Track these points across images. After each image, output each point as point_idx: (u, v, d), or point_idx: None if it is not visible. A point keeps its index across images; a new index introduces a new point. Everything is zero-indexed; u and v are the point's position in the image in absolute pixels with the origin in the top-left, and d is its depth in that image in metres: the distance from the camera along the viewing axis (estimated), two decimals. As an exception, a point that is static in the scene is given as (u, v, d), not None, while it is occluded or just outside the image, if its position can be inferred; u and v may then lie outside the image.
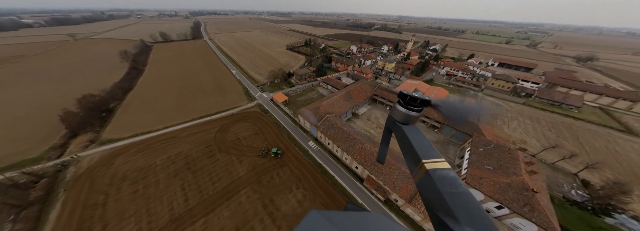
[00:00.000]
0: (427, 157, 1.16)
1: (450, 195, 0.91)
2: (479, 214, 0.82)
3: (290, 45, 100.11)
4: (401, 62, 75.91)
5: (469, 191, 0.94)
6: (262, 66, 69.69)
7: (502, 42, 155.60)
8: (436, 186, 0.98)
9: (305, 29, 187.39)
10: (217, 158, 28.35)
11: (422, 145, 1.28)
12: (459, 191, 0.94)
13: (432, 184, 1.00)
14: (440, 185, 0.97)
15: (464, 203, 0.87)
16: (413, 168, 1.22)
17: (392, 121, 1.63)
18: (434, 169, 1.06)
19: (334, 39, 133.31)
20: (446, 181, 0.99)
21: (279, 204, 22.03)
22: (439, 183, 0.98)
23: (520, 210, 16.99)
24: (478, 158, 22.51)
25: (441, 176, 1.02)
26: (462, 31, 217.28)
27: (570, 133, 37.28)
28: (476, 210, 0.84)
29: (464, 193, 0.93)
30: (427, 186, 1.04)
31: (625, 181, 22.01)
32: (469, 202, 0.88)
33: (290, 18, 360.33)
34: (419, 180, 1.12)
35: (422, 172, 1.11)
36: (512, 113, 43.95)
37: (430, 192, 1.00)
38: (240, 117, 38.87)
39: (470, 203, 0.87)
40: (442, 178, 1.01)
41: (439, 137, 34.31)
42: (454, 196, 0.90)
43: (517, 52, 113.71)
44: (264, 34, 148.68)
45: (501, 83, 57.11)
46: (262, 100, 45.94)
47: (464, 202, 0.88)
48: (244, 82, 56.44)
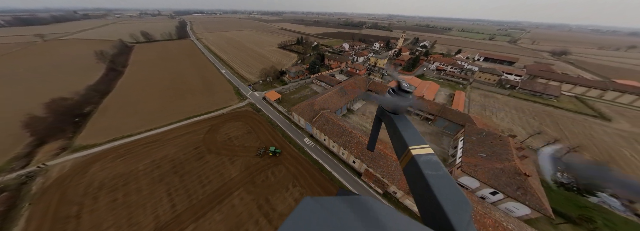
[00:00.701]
0: (414, 144, 1.25)
1: (432, 177, 0.98)
2: (455, 192, 0.92)
3: (282, 43, 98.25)
4: (393, 58, 76.99)
5: (448, 173, 1.03)
6: (253, 65, 67.59)
7: (485, 38, 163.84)
8: (420, 170, 1.05)
9: (297, 27, 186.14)
10: (206, 160, 26.68)
11: (409, 132, 1.38)
12: (440, 173, 1.02)
13: (417, 168, 1.08)
14: (424, 168, 1.05)
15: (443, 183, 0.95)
16: (400, 154, 1.32)
17: (381, 110, 1.73)
18: (420, 155, 1.15)
19: (326, 37, 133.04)
20: (429, 165, 1.07)
21: (275, 204, 21.01)
22: (423, 167, 1.06)
23: (514, 194, 17.31)
24: (471, 146, 22.86)
25: (425, 161, 1.11)
26: (449, 29, 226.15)
27: (551, 121, 39.52)
28: (453, 189, 0.93)
29: (444, 175, 1.01)
30: (412, 171, 1.12)
31: (603, 162, 23.26)
32: (446, 182, 0.96)
33: (281, 17, 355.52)
34: (405, 165, 1.21)
35: (408, 157, 1.20)
36: (499, 104, 45.82)
37: (415, 175, 1.08)
38: (231, 116, 37.12)
39: (448, 184, 0.96)
40: (425, 162, 1.10)
41: (433, 128, 34.79)
42: (435, 178, 0.98)
43: (499, 48, 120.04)
44: (255, 33, 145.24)
45: (487, 76, 59.71)
46: (254, 98, 44.32)
47: (443, 183, 0.96)
48: (235, 81, 54.31)
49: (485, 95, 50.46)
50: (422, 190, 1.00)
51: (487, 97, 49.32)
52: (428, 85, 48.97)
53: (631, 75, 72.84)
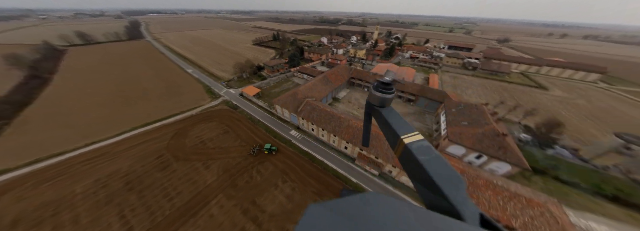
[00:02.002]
0: (404, 133, 1.29)
1: (426, 162, 1.02)
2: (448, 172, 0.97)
3: (257, 40, 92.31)
4: (371, 50, 79.07)
5: (440, 155, 1.08)
6: (226, 63, 61.26)
7: (446, 31, 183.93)
8: (414, 156, 1.07)
9: (272, 25, 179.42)
10: (173, 168, 22.12)
11: (399, 123, 1.41)
12: (433, 156, 1.06)
13: (411, 155, 1.10)
14: (417, 154, 1.08)
15: (437, 165, 1.00)
16: (394, 144, 1.34)
17: (370, 106, 1.74)
18: (411, 142, 1.19)
19: (303, 33, 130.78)
20: (421, 151, 1.10)
21: (264, 205, 18.28)
22: (416, 153, 1.08)
23: (497, 154, 18.28)
24: (453, 118, 23.80)
25: (417, 147, 1.14)
26: (416, 24, 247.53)
27: (507, 93, 45.42)
28: (447, 169, 0.99)
29: (436, 157, 1.05)
30: (407, 158, 1.14)
31: (555, 119, 26.84)
32: (440, 164, 1.02)
33: (254, 16, 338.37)
34: (400, 154, 1.24)
35: (401, 146, 1.22)
36: (466, 83, 50.73)
37: (410, 163, 1.11)
38: (203, 117, 32.21)
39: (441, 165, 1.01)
40: (418, 148, 1.13)
41: (415, 108, 36.00)
42: (429, 162, 1.02)
43: (458, 38, 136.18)
44: (226, 32, 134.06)
45: (453, 60, 66.23)
46: (229, 96, 39.61)
47: (437, 165, 1.01)
48: (205, 80, 48.06)
49: (454, 77, 55.50)
50: (420, 175, 1.02)
51: (455, 78, 54.30)
52: (405, 70, 51.22)
53: (556, 54, 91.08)
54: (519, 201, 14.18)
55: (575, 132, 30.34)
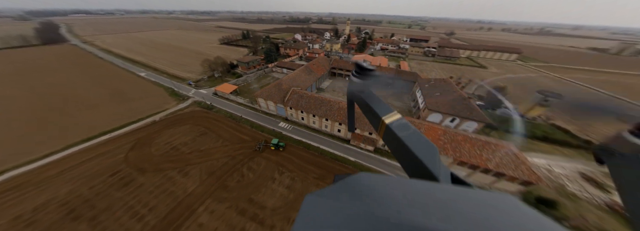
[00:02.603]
0: (384, 114, 1.37)
1: (406, 137, 1.13)
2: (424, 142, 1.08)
3: (225, 39, 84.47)
4: (345, 44, 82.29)
5: (416, 129, 1.19)
6: (189, 63, 53.91)
7: (405, 27, 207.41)
8: (395, 134, 1.18)
9: (238, 25, 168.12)
10: (139, 183, 18.00)
11: (379, 105, 1.48)
12: (410, 131, 1.17)
13: (392, 133, 1.20)
14: (398, 131, 1.18)
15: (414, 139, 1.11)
16: (376, 126, 1.44)
17: (351, 92, 1.83)
18: (392, 122, 1.29)
19: (274, 32, 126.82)
20: (401, 128, 1.21)
21: (263, 200, 16.62)
22: (397, 131, 1.19)
23: (467, 115, 21.29)
24: (427, 91, 26.75)
25: (397, 125, 1.24)
26: (380, 22, 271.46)
27: (460, 73, 54.05)
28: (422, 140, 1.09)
29: (414, 132, 1.17)
30: (390, 137, 1.23)
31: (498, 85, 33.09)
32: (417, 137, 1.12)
33: (216, 17, 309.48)
34: (383, 133, 1.33)
35: (383, 126, 1.32)
36: (429, 67, 58.34)
37: (392, 140, 1.20)
38: (171, 121, 27.38)
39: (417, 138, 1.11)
40: (397, 126, 1.24)
41: (391, 91, 38.75)
42: (407, 137, 1.13)
43: (416, 32, 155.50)
44: (185, 32, 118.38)
45: (416, 50, 75.72)
46: (200, 96, 34.86)
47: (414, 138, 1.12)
48: (166, 82, 41.08)
49: (419, 63, 63.12)
50: (401, 149, 1.12)
51: (420, 64, 61.92)
52: (379, 60, 55.29)
53: (487, 42, 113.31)
54: (490, 147, 16.79)
55: (511, 96, 38.30)
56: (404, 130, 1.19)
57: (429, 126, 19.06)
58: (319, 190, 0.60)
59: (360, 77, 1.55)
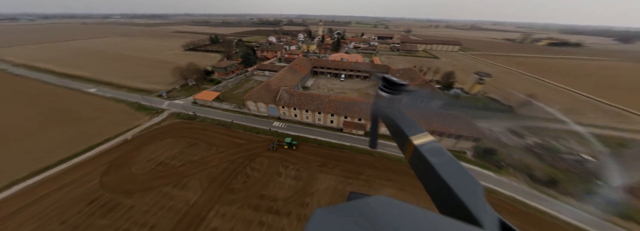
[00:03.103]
0: (413, 134, 1.23)
1: (439, 164, 0.95)
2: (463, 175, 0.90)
3: (190, 44, 76.91)
4: (320, 44, 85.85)
5: (454, 158, 1.01)
6: (151, 74, 47.86)
7: (372, 26, 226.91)
8: (426, 158, 1.01)
9: (201, 29, 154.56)
10: (127, 205, 16.33)
11: (407, 124, 1.36)
12: (445, 158, 0.99)
13: (422, 157, 1.03)
14: (429, 156, 1.01)
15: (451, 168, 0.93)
16: (403, 146, 1.28)
17: (377, 107, 1.68)
18: (421, 143, 1.12)
19: (245, 35, 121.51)
20: (433, 152, 1.04)
21: (274, 194, 17.43)
22: (428, 155, 1.02)
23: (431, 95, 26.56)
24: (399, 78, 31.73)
25: (428, 149, 1.07)
26: (349, 22, 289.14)
27: (420, 63, 63.79)
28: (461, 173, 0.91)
29: (450, 160, 0.98)
30: (418, 161, 1.07)
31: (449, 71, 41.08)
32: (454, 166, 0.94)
33: (170, 20, 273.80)
34: (410, 156, 1.16)
35: (411, 148, 1.16)
36: (396, 60, 66.91)
37: (421, 165, 1.03)
38: (148, 138, 24.72)
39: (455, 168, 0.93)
40: (429, 150, 1.06)
41: (370, 83, 43.77)
42: (441, 165, 0.95)
43: (381, 31, 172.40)
44: (133, 39, 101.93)
45: (384, 46, 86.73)
46: (177, 107, 32.04)
47: (450, 168, 0.93)
48: (127, 97, 35.83)
49: (387, 57, 71.75)
50: (431, 178, 0.97)
51: (388, 58, 70.51)
52: (356, 57, 60.45)
53: (436, 37, 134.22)
54: (452, 117, 21.82)
55: (459, 78, 47.96)
56: (437, 155, 1.00)
57: (404, 107, 23.17)
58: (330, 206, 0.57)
59: (388, 91, 1.48)
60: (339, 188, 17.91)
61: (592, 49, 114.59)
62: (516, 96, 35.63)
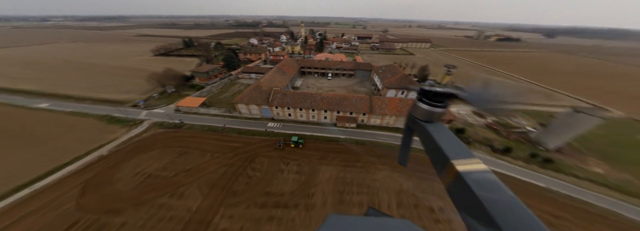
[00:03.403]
0: (457, 157, 1.01)
1: (492, 202, 0.75)
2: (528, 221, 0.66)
3: (161, 49, 70.54)
4: (304, 45, 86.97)
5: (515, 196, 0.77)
6: (119, 82, 43.05)
7: (351, 27, 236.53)
8: (472, 191, 0.83)
9: (170, 32, 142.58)
10: (118, 223, 15.15)
11: (451, 143, 1.13)
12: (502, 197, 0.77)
13: (466, 188, 0.86)
14: (477, 189, 0.82)
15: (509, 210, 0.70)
16: (440, 169, 1.07)
17: (412, 120, 1.45)
18: (467, 171, 0.91)
19: (222, 38, 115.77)
20: (484, 185, 0.84)
21: (279, 189, 17.93)
22: (475, 188, 0.83)
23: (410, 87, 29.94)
24: (382, 75, 35.30)
25: (477, 179, 0.87)
26: (328, 23, 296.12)
27: (398, 60, 69.81)
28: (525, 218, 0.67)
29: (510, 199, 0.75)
30: (459, 191, 0.91)
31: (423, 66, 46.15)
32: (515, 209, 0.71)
33: (130, 23, 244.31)
34: (449, 183, 0.98)
35: (451, 174, 0.98)
36: (377, 58, 71.81)
37: (464, 197, 0.87)
38: (128, 152, 22.67)
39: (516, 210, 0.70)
40: (478, 181, 0.86)
41: (356, 80, 46.54)
42: (495, 203, 0.74)
43: (360, 31, 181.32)
44: (88, 45, 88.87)
45: (364, 46, 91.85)
46: (158, 117, 29.75)
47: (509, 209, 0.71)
48: (93, 110, 31.78)
49: (368, 56, 76.55)
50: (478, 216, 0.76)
51: (369, 56, 75.33)
52: (340, 56, 63.10)
53: (410, 36, 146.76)
54: None
55: (432, 71, 54.03)
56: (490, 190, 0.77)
57: (390, 99, 25.81)
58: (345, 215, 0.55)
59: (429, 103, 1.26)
60: (340, 176, 19.24)
61: (528, 42, 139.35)
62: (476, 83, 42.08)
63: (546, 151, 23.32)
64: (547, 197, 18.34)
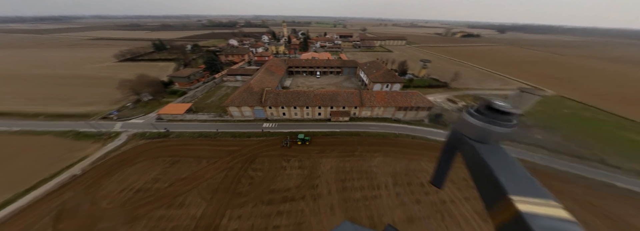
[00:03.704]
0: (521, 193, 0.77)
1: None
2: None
3: (127, 53, 62.75)
4: (288, 45, 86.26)
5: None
6: (78, 94, 37.61)
7: (331, 26, 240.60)
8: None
9: (134, 34, 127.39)
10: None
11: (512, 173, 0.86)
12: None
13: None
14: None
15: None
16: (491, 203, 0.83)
17: (458, 137, 1.18)
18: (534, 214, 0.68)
19: (198, 39, 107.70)
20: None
21: (284, 185, 18.43)
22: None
23: (393, 80, 33.04)
24: (368, 70, 37.94)
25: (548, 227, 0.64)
26: (309, 22, 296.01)
27: (379, 56, 74.26)
28: None
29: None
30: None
31: (402, 62, 50.35)
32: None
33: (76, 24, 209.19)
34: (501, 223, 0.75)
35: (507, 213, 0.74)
36: (360, 55, 75.54)
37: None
38: (107, 168, 20.54)
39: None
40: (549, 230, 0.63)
41: (343, 77, 48.55)
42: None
43: (341, 30, 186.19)
44: (30, 51, 74.22)
45: (347, 44, 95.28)
46: (139, 127, 27.16)
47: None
48: (51, 126, 27.40)
49: (351, 53, 79.76)
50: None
51: (353, 54, 78.65)
52: (325, 55, 64.51)
53: (387, 34, 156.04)
54: (409, 95, 27.96)
55: (410, 66, 59.29)
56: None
57: (377, 92, 28.04)
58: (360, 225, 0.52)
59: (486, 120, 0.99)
60: (340, 166, 20.56)
61: (486, 38, 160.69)
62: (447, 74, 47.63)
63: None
64: (507, 163, 22.50)
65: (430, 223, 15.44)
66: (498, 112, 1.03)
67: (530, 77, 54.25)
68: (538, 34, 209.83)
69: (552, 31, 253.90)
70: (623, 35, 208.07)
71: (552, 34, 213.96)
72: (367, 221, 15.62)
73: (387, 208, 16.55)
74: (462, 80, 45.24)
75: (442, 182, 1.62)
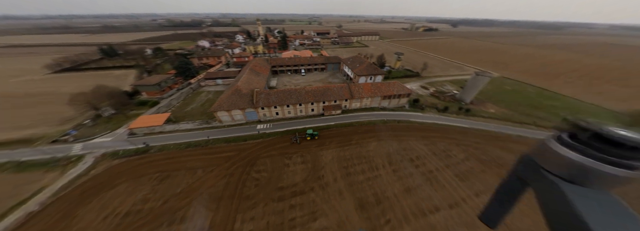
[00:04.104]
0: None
1: None
2: None
3: (63, 62, 51.17)
4: (265, 44, 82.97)
5: None
6: (9, 117, 29.87)
7: (306, 24, 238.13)
8: None
9: (66, 39, 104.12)
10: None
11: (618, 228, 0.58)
12: None
13: None
14: None
15: None
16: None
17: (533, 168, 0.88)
18: None
19: (158, 41, 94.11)
20: None
21: (291, 181, 18.89)
22: None
23: (375, 72, 35.76)
24: (351, 64, 40.21)
25: None
26: (283, 20, 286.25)
27: (357, 52, 78.09)
28: None
29: None
30: None
31: (381, 56, 54.32)
32: None
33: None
34: None
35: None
36: (340, 52, 78.02)
37: None
38: (79, 196, 17.59)
39: None
40: None
41: (328, 73, 49.95)
42: None
43: (317, 27, 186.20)
44: None
45: (326, 41, 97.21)
46: (107, 146, 23.43)
47: None
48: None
49: (332, 50, 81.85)
50: None
51: (333, 51, 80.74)
52: (307, 52, 64.56)
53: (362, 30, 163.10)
54: (391, 85, 31.02)
55: (386, 59, 64.37)
56: None
57: (364, 84, 30.21)
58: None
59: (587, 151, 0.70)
60: (340, 155, 21.98)
61: (443, 31, 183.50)
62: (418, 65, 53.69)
63: (466, 104, 34.20)
64: (470, 132, 27.37)
65: (424, 190, 18.23)
66: (614, 143, 0.68)
67: (481, 64, 65.29)
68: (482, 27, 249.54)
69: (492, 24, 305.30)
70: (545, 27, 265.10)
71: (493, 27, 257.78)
72: (373, 198, 17.48)
73: (388, 184, 18.73)
74: (430, 69, 52.03)
75: (497, 222, 1.18)
